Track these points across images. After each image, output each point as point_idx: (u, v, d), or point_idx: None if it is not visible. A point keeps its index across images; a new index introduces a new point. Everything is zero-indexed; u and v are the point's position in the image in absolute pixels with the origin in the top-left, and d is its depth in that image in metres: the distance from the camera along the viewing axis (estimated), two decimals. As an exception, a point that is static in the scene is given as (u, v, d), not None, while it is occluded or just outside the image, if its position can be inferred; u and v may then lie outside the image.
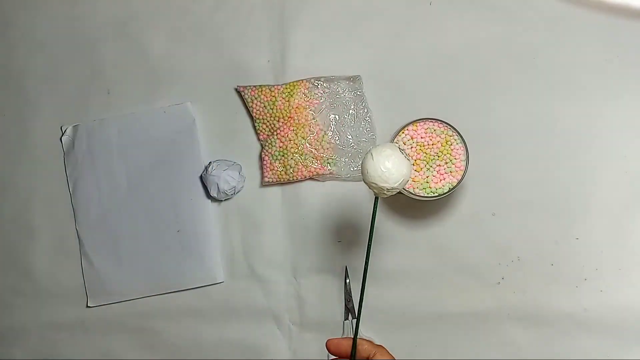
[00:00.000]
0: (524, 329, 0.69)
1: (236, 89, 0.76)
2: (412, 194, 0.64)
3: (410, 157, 0.62)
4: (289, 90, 0.73)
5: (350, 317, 0.73)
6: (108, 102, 0.79)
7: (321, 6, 0.75)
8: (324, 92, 0.73)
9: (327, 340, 0.53)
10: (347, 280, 0.73)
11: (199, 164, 0.76)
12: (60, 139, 0.80)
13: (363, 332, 0.73)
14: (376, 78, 0.73)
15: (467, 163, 0.64)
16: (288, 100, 0.73)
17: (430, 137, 0.64)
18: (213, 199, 0.76)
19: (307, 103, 0.73)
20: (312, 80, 0.73)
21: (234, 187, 0.74)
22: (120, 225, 0.78)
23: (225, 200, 0.76)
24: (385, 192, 0.51)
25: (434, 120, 0.64)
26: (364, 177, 0.51)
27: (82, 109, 0.80)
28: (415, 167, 0.64)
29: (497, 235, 0.70)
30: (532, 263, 0.69)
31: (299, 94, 0.73)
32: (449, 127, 0.64)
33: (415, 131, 0.64)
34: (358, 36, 0.74)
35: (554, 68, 0.70)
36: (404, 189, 0.60)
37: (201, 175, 0.76)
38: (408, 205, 0.71)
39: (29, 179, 0.81)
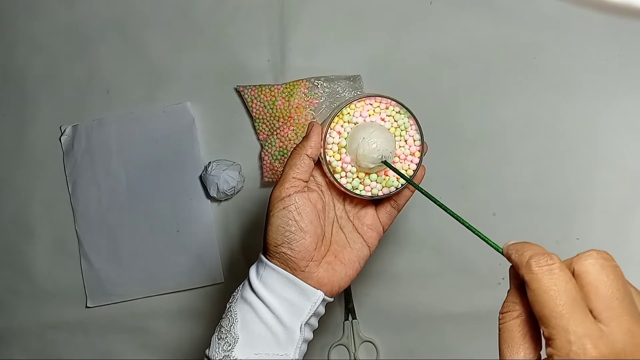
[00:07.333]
0: (524, 329, 0.69)
1: (236, 89, 0.76)
2: (360, 195, 0.53)
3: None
4: (288, 90, 0.73)
5: (350, 317, 0.73)
6: (107, 102, 0.79)
7: (321, 6, 0.74)
8: (323, 91, 0.73)
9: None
10: (347, 281, 0.72)
11: (199, 164, 0.76)
12: (60, 139, 0.80)
13: (363, 332, 0.73)
14: (376, 78, 0.73)
15: (422, 136, 0.53)
16: (288, 100, 0.72)
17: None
18: (213, 199, 0.76)
19: (307, 103, 0.73)
20: (312, 79, 0.73)
21: (234, 187, 0.74)
22: (120, 225, 0.78)
23: (225, 200, 0.76)
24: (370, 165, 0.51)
25: (361, 99, 0.52)
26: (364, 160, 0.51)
27: (81, 108, 0.80)
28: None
29: (497, 235, 0.70)
30: (533, 263, 0.69)
31: (298, 93, 0.72)
32: (382, 98, 0.53)
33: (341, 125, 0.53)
34: (358, 36, 0.74)
35: (554, 68, 0.70)
36: (352, 191, 0.53)
37: (201, 175, 0.76)
38: (407, 205, 0.71)
39: (28, 179, 0.81)
